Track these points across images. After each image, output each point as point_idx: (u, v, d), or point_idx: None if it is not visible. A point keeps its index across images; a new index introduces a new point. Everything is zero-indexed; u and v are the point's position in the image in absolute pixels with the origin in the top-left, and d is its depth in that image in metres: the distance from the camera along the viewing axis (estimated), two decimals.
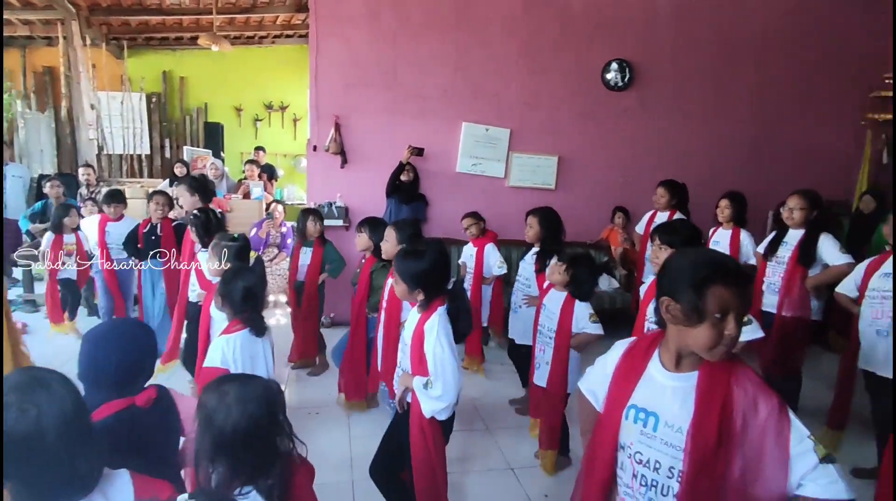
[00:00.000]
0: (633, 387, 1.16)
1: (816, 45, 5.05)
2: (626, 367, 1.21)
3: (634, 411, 1.14)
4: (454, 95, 4.71)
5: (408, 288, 1.85)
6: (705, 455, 1.01)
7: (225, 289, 2.04)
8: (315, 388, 3.54)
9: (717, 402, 1.02)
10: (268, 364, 2.08)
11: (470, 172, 4.79)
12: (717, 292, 1.00)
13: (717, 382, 1.04)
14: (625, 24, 4.83)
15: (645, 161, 4.93)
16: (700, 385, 1.05)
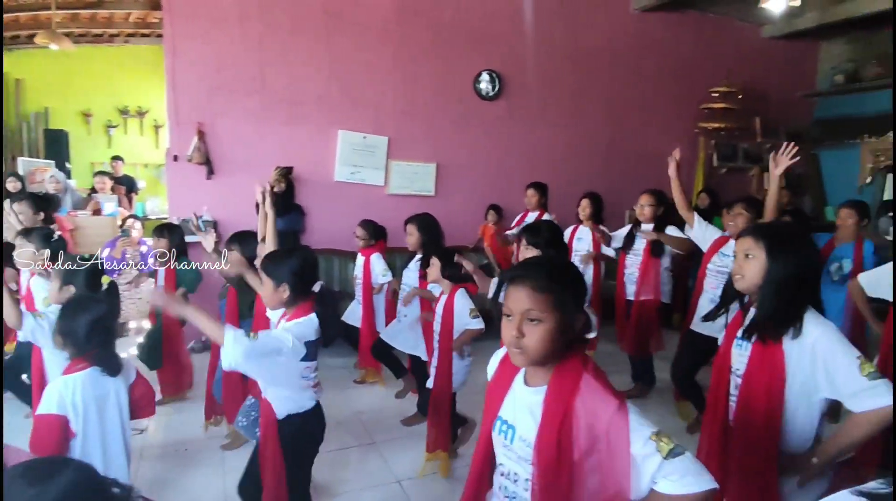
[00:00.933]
0: (502, 399, 1.16)
1: (655, 63, 5.70)
2: (498, 378, 1.22)
3: (499, 423, 1.15)
4: (329, 103, 4.61)
5: (273, 285, 1.81)
6: (549, 469, 1.01)
7: (64, 326, 1.78)
8: (180, 421, 3.20)
9: (558, 416, 1.02)
10: (121, 407, 1.85)
11: (349, 180, 4.71)
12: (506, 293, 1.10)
13: (561, 395, 1.03)
14: (493, 36, 5.07)
15: (515, 166, 5.21)
16: (546, 399, 1.05)
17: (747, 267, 1.47)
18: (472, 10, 4.97)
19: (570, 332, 1.06)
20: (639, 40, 5.60)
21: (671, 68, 5.78)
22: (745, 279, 1.49)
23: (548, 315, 1.04)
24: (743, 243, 1.50)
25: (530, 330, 1.05)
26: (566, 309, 1.05)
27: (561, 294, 1.05)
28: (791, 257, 1.42)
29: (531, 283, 1.06)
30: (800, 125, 6.58)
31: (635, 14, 5.54)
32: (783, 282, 1.40)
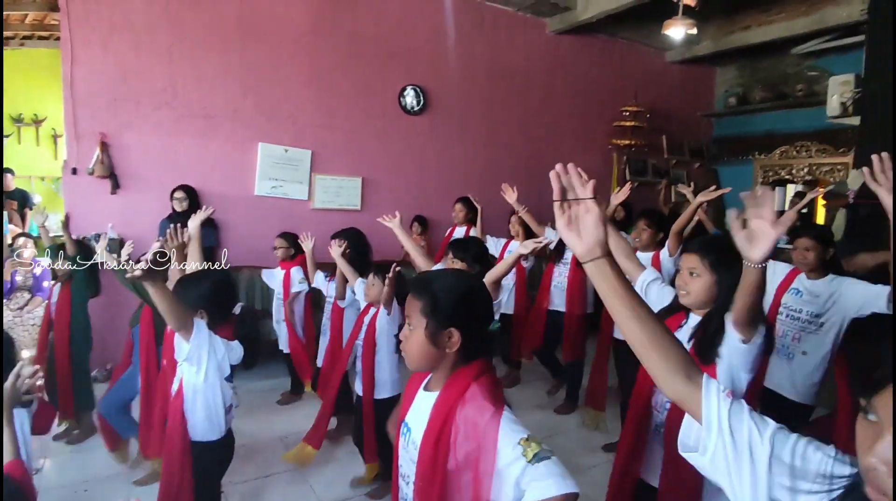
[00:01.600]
0: (409, 405, 1.20)
1: (570, 82, 6.00)
2: (410, 384, 1.25)
3: (403, 426, 1.19)
4: (246, 115, 4.46)
5: (189, 310, 1.73)
6: (426, 471, 1.03)
7: None
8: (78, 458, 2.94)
9: (439, 420, 1.04)
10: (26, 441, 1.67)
11: (270, 194, 4.57)
12: None
13: (447, 401, 1.06)
14: (416, 52, 5.13)
15: (440, 180, 5.28)
16: (434, 403, 1.09)
17: (692, 284, 1.54)
18: (394, 25, 5.01)
19: (441, 343, 1.08)
20: (554, 61, 5.88)
21: (585, 88, 6.11)
22: (690, 296, 1.56)
23: (417, 322, 1.09)
24: (688, 261, 1.57)
25: (408, 335, 1.12)
26: (433, 318, 1.08)
27: (426, 302, 1.08)
28: (735, 273, 1.46)
29: (413, 288, 1.13)
30: (700, 142, 7.16)
31: (551, 36, 5.81)
32: (728, 300, 1.46)
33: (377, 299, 2.54)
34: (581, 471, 2.82)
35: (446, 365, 1.11)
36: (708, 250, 1.53)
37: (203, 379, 1.78)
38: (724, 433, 0.77)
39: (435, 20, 5.17)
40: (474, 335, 1.10)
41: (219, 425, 1.86)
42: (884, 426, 0.57)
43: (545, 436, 3.24)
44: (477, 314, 1.13)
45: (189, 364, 1.77)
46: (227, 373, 1.85)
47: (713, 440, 0.78)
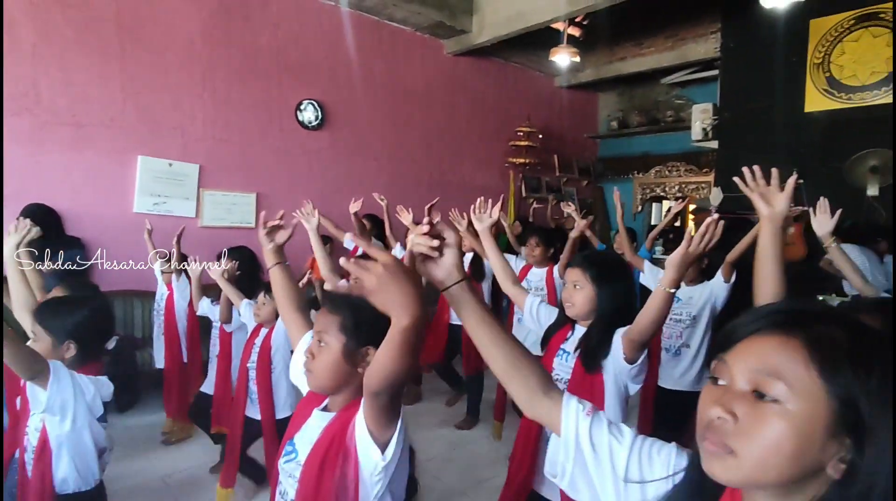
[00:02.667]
0: (300, 425, 1.14)
1: (468, 102, 6.21)
2: (304, 403, 1.19)
3: (289, 445, 1.13)
4: (124, 126, 4.09)
5: (53, 342, 1.52)
6: (308, 490, 1.00)
7: None
8: None
9: (329, 438, 1.02)
10: None
11: (153, 212, 4.20)
12: None
13: (343, 421, 1.02)
14: (314, 67, 5.04)
15: (341, 197, 5.16)
16: (329, 423, 1.06)
17: (576, 296, 1.62)
18: (290, 38, 4.88)
19: (356, 362, 1.05)
20: (454, 81, 6.06)
21: (482, 108, 6.35)
22: (575, 307, 1.64)
23: (332, 339, 1.05)
24: (572, 275, 1.65)
25: (319, 352, 1.07)
26: (350, 334, 1.04)
27: (345, 317, 1.05)
28: (614, 286, 1.60)
29: (328, 303, 1.09)
30: (588, 162, 7.71)
31: (448, 57, 5.99)
32: (610, 311, 1.57)
33: (269, 319, 2.42)
34: (481, 484, 2.86)
35: (352, 387, 1.07)
36: (589, 265, 1.64)
37: (70, 427, 1.54)
38: (584, 447, 0.79)
39: (332, 35, 5.12)
40: None
41: (91, 473, 1.62)
42: (732, 382, 0.59)
43: (447, 451, 3.26)
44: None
45: (51, 414, 1.51)
46: (100, 413, 1.63)
47: (571, 457, 0.80)
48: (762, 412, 0.55)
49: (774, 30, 4.97)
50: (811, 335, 0.56)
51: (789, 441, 0.53)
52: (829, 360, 0.54)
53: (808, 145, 4.96)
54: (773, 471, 0.54)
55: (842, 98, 4.88)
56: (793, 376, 0.54)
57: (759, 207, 1.20)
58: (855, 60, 4.80)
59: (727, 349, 0.61)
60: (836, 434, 0.53)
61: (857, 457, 0.53)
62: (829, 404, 0.53)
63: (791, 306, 0.60)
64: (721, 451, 0.56)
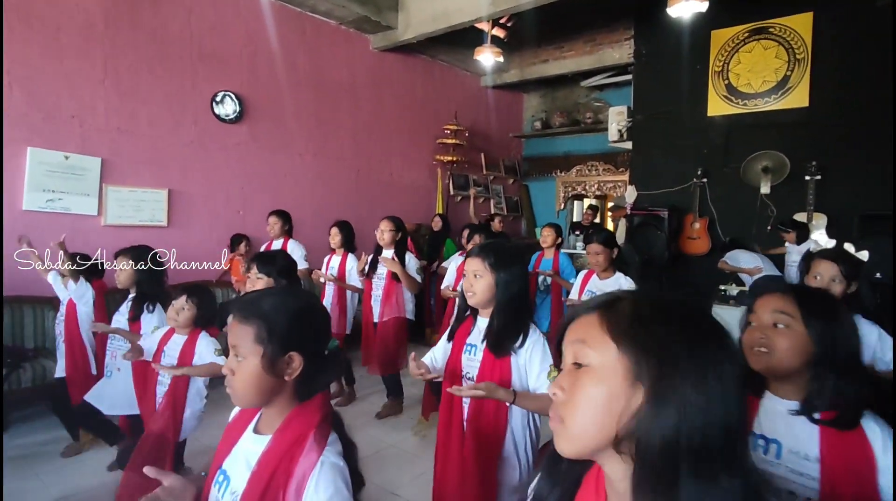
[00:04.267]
0: (230, 448, 1.05)
1: (394, 99, 6.17)
2: (233, 424, 1.10)
3: (220, 473, 1.04)
4: (11, 113, 3.67)
5: None
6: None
7: None
8: None
9: (269, 468, 0.95)
10: None
11: (45, 209, 3.81)
12: None
13: (281, 446, 0.96)
14: (232, 57, 4.78)
15: (262, 193, 4.97)
16: (266, 448, 0.98)
17: (477, 285, 1.64)
18: (206, 26, 4.60)
19: (280, 371, 0.98)
20: (380, 77, 5.98)
21: (409, 105, 6.33)
22: (476, 296, 1.65)
23: (248, 352, 0.97)
24: (472, 264, 1.67)
25: (237, 368, 0.99)
26: (269, 344, 0.97)
27: (260, 327, 0.98)
28: (511, 271, 1.63)
29: (237, 314, 1.00)
30: (514, 160, 7.91)
31: (375, 53, 5.91)
32: (507, 297, 1.61)
33: (186, 326, 2.26)
34: (415, 479, 2.85)
35: (283, 399, 1.00)
36: (487, 254, 1.67)
37: None
38: None
39: (252, 25, 4.89)
40: (316, 356, 1.01)
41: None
42: (564, 361, 0.68)
43: (380, 449, 3.22)
44: (317, 331, 1.05)
45: None
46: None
47: None
48: (577, 377, 0.65)
49: (681, 38, 5.33)
50: (608, 309, 0.66)
51: (598, 394, 0.62)
52: (614, 323, 0.64)
53: (710, 147, 5.37)
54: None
55: (738, 104, 5.32)
56: (593, 339, 0.65)
57: None
58: (749, 69, 5.24)
59: (561, 337, 0.70)
60: (634, 385, 0.61)
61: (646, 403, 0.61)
62: (621, 359, 0.62)
63: (605, 296, 0.70)
64: (558, 427, 0.65)
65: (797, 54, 4.98)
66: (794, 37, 5.00)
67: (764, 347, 1.10)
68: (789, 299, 1.12)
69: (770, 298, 1.14)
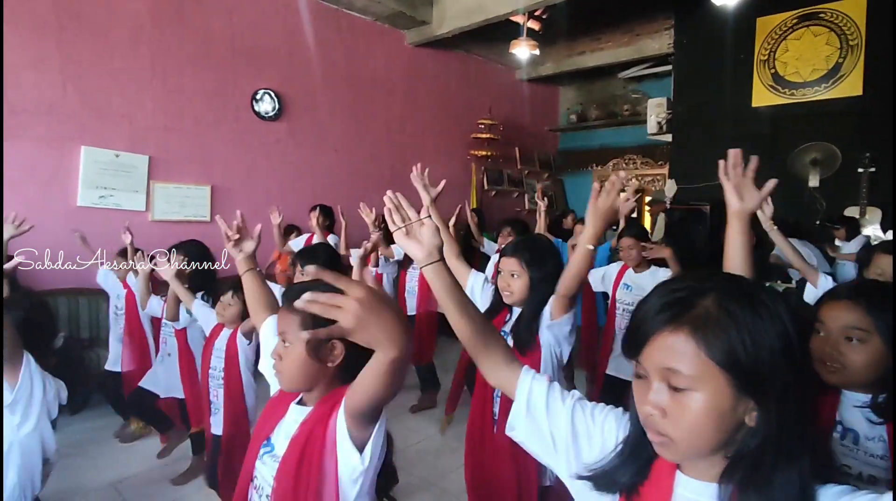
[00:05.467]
0: (277, 419, 1.11)
1: (429, 94, 6.18)
2: (278, 398, 1.16)
3: (266, 443, 1.10)
4: (66, 113, 3.84)
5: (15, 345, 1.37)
6: (284, 488, 0.98)
7: None
8: None
9: (305, 433, 1.00)
10: None
11: (98, 205, 3.98)
12: None
13: (319, 416, 1.01)
14: (271, 55, 4.88)
15: (300, 188, 5.06)
16: (305, 417, 1.03)
17: (514, 284, 1.65)
18: (246, 25, 4.71)
19: (323, 357, 1.03)
20: (415, 72, 6.00)
21: (443, 100, 6.33)
22: (513, 295, 1.66)
23: (295, 338, 1.02)
24: (507, 264, 1.67)
25: (284, 353, 1.05)
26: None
27: (305, 315, 1.01)
28: (547, 269, 1.63)
29: (286, 302, 1.06)
30: (548, 155, 7.81)
31: (409, 48, 5.93)
32: (542, 295, 1.61)
33: (233, 321, 2.32)
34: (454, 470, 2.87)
35: (325, 382, 1.05)
36: (522, 252, 1.68)
37: (30, 430, 1.39)
38: (538, 407, 0.88)
39: (290, 23, 4.98)
40: (357, 346, 1.05)
41: (33, 486, 1.50)
42: (650, 378, 0.67)
43: (419, 441, 3.25)
44: None
45: (11, 413, 1.36)
46: (55, 416, 1.50)
47: (522, 416, 0.89)
48: (680, 402, 0.64)
49: (724, 27, 5.15)
50: (692, 322, 0.64)
51: (707, 419, 0.64)
52: (709, 339, 0.63)
53: (754, 139, 5.18)
54: (704, 445, 0.66)
55: (786, 94, 5.11)
56: (689, 366, 0.63)
57: (731, 200, 1.12)
58: (797, 58, 5.03)
59: (638, 351, 0.69)
60: (741, 396, 0.63)
61: (760, 411, 0.63)
62: (725, 377, 0.62)
63: (671, 298, 0.67)
64: (663, 440, 0.66)
65: (850, 41, 4.75)
66: (846, 23, 4.77)
67: (837, 362, 1.06)
68: (861, 309, 1.06)
69: (840, 308, 1.09)
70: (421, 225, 0.99)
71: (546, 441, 0.86)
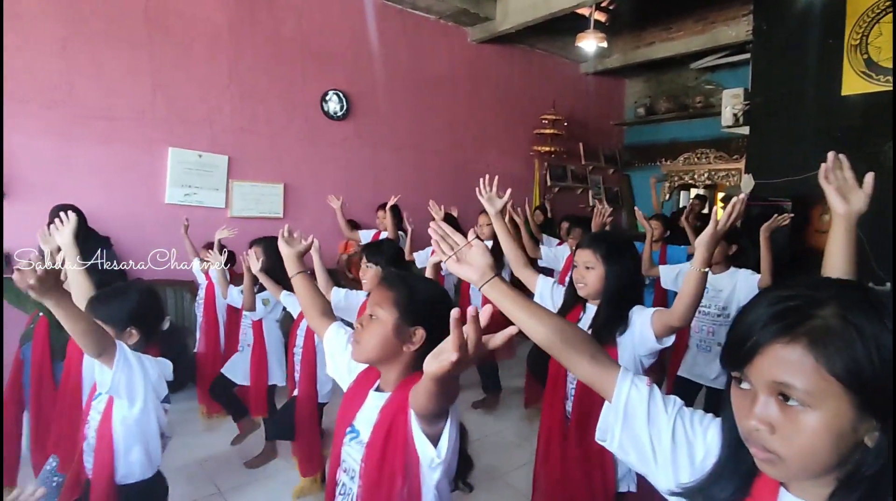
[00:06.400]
0: (358, 405, 1.17)
1: (492, 90, 6.16)
2: (357, 383, 1.22)
3: (351, 428, 1.16)
4: (154, 118, 4.15)
5: (115, 331, 1.54)
6: (373, 470, 1.03)
7: None
8: None
9: (388, 419, 1.04)
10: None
11: (183, 202, 4.28)
12: None
13: (399, 402, 1.04)
14: (339, 56, 5.04)
15: (365, 186, 5.20)
16: (385, 403, 1.08)
17: (588, 276, 1.65)
18: (315, 28, 4.89)
19: (405, 338, 1.09)
20: (476, 69, 6.00)
21: (506, 96, 6.29)
22: (587, 287, 1.67)
23: (385, 313, 1.09)
24: (582, 256, 1.68)
25: (368, 324, 1.11)
26: (403, 311, 1.09)
27: (400, 295, 1.09)
28: (623, 263, 1.63)
29: (384, 280, 1.15)
30: (614, 150, 7.59)
31: (472, 45, 5.94)
32: (618, 288, 1.61)
33: None
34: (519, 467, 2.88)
35: (399, 365, 1.11)
36: (599, 245, 1.66)
37: (140, 410, 1.53)
38: (637, 414, 0.84)
39: (356, 24, 5.12)
40: (435, 338, 1.09)
41: (156, 457, 1.63)
42: (757, 391, 0.63)
43: (481, 437, 3.28)
44: (443, 318, 1.13)
45: (117, 396, 1.51)
46: (164, 394, 1.63)
47: (619, 422, 0.85)
48: (793, 418, 0.60)
49: (810, 10, 4.80)
50: (811, 334, 0.59)
51: (825, 439, 0.59)
52: (830, 353, 0.58)
53: (844, 130, 4.79)
54: (817, 466, 0.61)
55: (880, 80, 4.69)
56: (806, 382, 0.59)
57: (836, 204, 1.08)
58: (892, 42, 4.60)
59: (744, 364, 0.64)
60: (863, 415, 0.58)
61: (882, 431, 0.59)
62: (847, 394, 0.58)
63: (783, 307, 0.62)
64: (769, 457, 0.62)
65: None
66: None
67: None
68: None
69: None
70: (469, 248, 1.02)
71: (645, 452, 0.82)
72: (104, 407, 1.54)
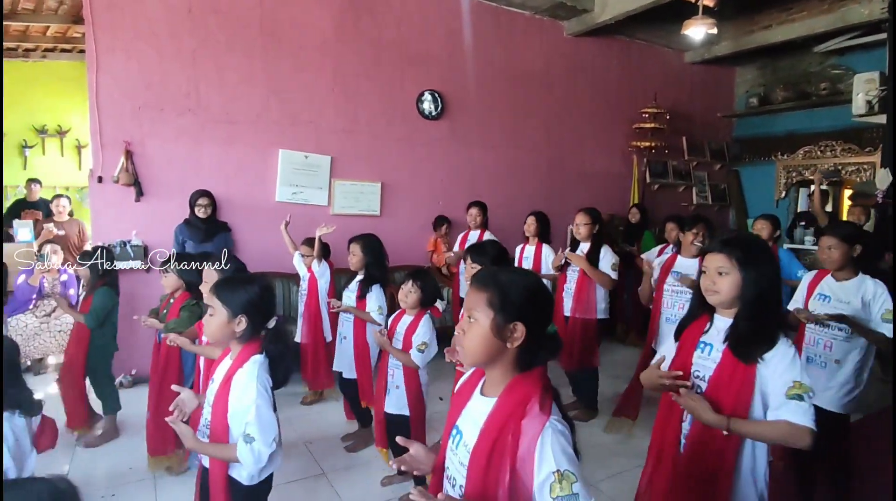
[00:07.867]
0: (461, 408, 1.18)
1: (589, 85, 5.97)
2: (462, 388, 1.24)
3: (454, 430, 1.16)
4: (268, 121, 4.49)
5: (228, 315, 1.62)
6: (478, 477, 1.02)
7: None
8: (106, 461, 2.96)
9: (496, 425, 1.03)
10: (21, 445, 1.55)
11: (291, 201, 4.58)
12: None
13: (507, 407, 1.05)
14: (434, 57, 5.14)
15: (459, 185, 5.26)
16: (492, 409, 1.07)
17: (721, 283, 1.49)
18: (413, 30, 5.02)
19: (505, 336, 1.07)
20: (573, 64, 5.85)
21: (604, 90, 6.07)
22: (720, 295, 1.50)
23: (482, 314, 1.08)
24: (714, 260, 1.52)
25: (468, 328, 1.10)
26: (500, 311, 1.07)
27: (493, 294, 1.08)
28: (761, 269, 1.46)
29: (476, 281, 1.13)
30: (721, 144, 7.07)
31: (568, 39, 5.79)
32: (756, 297, 1.44)
33: (414, 306, 2.52)
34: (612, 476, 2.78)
35: (504, 364, 1.09)
36: (733, 248, 1.50)
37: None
38: None
39: (451, 24, 5.18)
40: (537, 331, 1.09)
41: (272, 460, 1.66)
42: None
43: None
44: (541, 309, 1.12)
45: None
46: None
47: None
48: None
49: None
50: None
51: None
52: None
53: None
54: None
55: None
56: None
57: None
58: None
59: None
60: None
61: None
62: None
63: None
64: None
65: None
66: None
67: None
68: None
69: None
70: None
71: None
72: None
